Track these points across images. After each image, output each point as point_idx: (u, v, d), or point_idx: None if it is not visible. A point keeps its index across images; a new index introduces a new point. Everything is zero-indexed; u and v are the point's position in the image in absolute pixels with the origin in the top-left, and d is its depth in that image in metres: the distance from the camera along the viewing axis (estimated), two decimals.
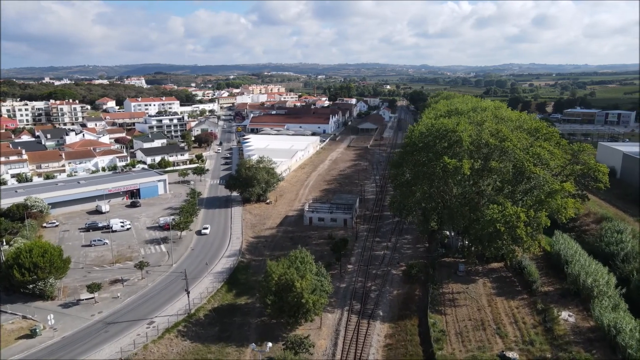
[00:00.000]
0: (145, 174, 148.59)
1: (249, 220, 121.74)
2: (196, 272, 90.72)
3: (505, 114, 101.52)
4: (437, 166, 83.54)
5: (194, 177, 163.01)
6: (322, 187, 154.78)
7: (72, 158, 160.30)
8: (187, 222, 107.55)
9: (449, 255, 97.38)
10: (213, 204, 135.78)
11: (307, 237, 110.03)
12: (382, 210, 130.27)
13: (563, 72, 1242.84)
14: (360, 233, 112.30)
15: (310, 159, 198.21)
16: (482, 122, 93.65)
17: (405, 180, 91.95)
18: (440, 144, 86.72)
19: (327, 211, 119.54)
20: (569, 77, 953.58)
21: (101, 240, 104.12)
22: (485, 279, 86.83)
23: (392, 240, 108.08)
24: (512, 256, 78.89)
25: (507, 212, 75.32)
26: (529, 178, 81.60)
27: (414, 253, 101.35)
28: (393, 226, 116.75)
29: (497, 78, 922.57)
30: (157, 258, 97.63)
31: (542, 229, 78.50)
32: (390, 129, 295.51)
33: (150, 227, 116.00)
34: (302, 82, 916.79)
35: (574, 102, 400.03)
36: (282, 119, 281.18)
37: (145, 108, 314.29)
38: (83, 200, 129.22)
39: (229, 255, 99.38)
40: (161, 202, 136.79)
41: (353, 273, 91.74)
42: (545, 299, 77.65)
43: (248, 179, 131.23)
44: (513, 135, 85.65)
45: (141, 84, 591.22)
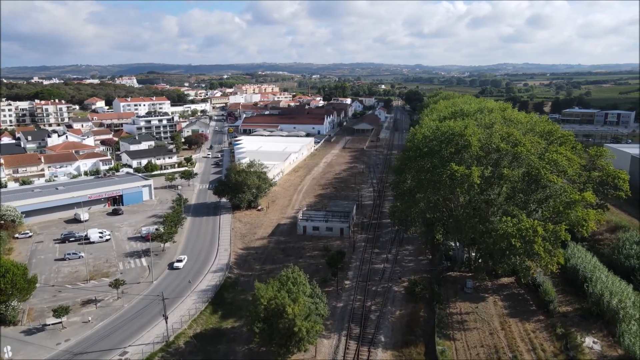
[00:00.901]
0: (129, 178, 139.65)
1: (238, 230, 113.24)
2: (179, 290, 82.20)
3: (514, 115, 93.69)
4: (444, 174, 75.58)
5: (182, 181, 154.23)
6: (316, 192, 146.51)
7: (52, 162, 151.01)
8: (171, 233, 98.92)
9: (455, 269, 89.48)
10: (201, 211, 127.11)
11: (300, 249, 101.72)
12: (380, 217, 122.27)
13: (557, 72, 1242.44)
14: (358, 243, 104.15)
15: (304, 162, 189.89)
16: (490, 124, 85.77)
17: (408, 189, 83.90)
18: (446, 149, 78.76)
19: (322, 219, 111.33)
20: (563, 76, 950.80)
21: (76, 254, 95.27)
22: (496, 296, 78.99)
23: (392, 252, 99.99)
24: (527, 274, 71.04)
25: (522, 225, 67.50)
26: (545, 187, 73.84)
27: (417, 266, 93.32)
28: (393, 235, 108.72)
29: (491, 78, 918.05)
30: (136, 274, 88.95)
31: (560, 244, 70.86)
32: (386, 130, 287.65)
33: (131, 237, 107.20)
34: (296, 82, 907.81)
35: (571, 102, 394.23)
36: (276, 120, 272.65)
37: (135, 108, 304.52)
38: (61, 207, 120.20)
39: (215, 270, 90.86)
40: (145, 209, 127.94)
41: (351, 290, 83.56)
42: (565, 321, 69.88)
43: (238, 184, 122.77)
44: (525, 139, 77.90)
45: (132, 83, 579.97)
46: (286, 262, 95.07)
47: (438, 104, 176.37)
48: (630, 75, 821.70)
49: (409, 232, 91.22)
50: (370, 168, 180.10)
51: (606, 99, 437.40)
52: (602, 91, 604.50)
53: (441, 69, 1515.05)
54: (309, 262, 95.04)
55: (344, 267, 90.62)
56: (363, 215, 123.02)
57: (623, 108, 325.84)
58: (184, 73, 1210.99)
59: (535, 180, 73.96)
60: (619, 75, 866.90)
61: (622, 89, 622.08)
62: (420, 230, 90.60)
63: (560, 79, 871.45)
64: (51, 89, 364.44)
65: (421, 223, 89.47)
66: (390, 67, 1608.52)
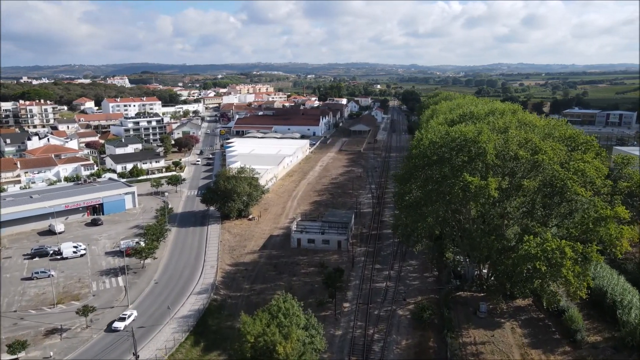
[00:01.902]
0: (111, 185, 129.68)
1: (227, 242, 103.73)
2: (157, 316, 72.72)
3: (529, 118, 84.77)
4: (456, 185, 66.53)
5: (169, 187, 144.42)
6: (312, 198, 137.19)
7: (29, 167, 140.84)
8: (151, 248, 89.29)
9: (465, 288, 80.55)
10: (188, 221, 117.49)
11: (294, 264, 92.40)
12: (380, 227, 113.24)
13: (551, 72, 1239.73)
14: (357, 258, 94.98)
15: (299, 165, 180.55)
16: (504, 129, 76.81)
17: (414, 201, 74.73)
18: (458, 157, 69.67)
19: (318, 231, 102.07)
20: (558, 76, 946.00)
21: (46, 272, 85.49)
22: (513, 322, 70.05)
23: (394, 268, 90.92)
24: (553, 300, 62.09)
25: (547, 245, 58.54)
26: (570, 200, 64.93)
27: (422, 285, 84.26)
28: (395, 248, 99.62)
29: (487, 77, 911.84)
30: (110, 296, 79.33)
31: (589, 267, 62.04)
32: (383, 131, 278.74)
33: (109, 252, 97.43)
34: (291, 82, 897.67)
35: (570, 102, 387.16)
36: (270, 121, 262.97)
37: (124, 109, 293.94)
38: (35, 218, 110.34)
39: (199, 290, 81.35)
40: (128, 219, 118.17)
41: (350, 314, 74.37)
42: (595, 354, 61.01)
43: (227, 192, 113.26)
44: (546, 145, 68.97)
45: (124, 83, 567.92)
46: (278, 280, 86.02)
47: (439, 105, 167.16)
48: (626, 75, 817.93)
49: (415, 250, 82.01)
50: (368, 172, 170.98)
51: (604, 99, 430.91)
52: (598, 91, 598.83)
53: (436, 69, 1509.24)
54: (304, 280, 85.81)
55: (342, 287, 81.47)
56: (362, 225, 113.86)
57: (623, 108, 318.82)
58: (179, 73, 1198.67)
59: (560, 193, 65.08)
60: (614, 75, 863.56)
61: (618, 88, 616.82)
62: (427, 245, 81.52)
63: (556, 79, 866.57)
64: (39, 89, 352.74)
65: (427, 238, 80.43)
66: (386, 67, 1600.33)
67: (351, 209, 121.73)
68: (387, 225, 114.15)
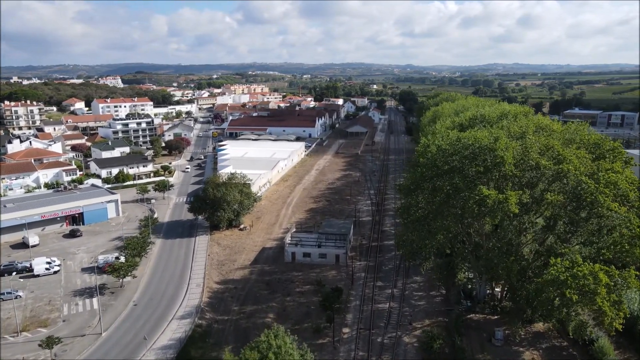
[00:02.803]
0: (92, 193, 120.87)
1: (215, 256, 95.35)
2: (132, 346, 64.28)
3: (545, 122, 76.94)
4: (470, 199, 58.55)
5: (156, 194, 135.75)
6: (307, 205, 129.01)
7: (7, 172, 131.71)
8: (131, 265, 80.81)
9: (477, 310, 72.64)
10: (174, 231, 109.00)
11: (288, 282, 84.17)
12: (381, 237, 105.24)
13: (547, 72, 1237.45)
14: (357, 273, 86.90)
15: (294, 169, 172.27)
16: (521, 134, 68.92)
17: (422, 215, 66.67)
18: (472, 166, 61.69)
19: (314, 244, 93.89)
20: (554, 76, 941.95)
21: (12, 293, 76.82)
22: (534, 351, 62.15)
23: (398, 285, 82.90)
24: (583, 332, 54.26)
25: (578, 270, 50.70)
26: (601, 217, 57.07)
27: (429, 305, 76.27)
28: (397, 262, 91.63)
29: (483, 78, 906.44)
30: (83, 321, 70.81)
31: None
32: (381, 132, 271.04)
33: (86, 268, 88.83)
34: (287, 82, 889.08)
35: (569, 102, 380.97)
36: (264, 122, 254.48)
37: (114, 110, 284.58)
38: (7, 229, 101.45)
39: (183, 314, 72.97)
40: (109, 230, 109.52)
41: (350, 342, 66.18)
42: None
43: (216, 200, 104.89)
44: (570, 153, 61.13)
45: (117, 83, 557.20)
46: (271, 300, 77.82)
47: (441, 106, 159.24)
48: (622, 75, 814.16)
49: (422, 269, 74.00)
50: (367, 176, 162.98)
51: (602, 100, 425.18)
52: (595, 91, 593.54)
53: (432, 69, 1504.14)
54: (299, 300, 77.61)
55: (341, 308, 73.52)
56: (361, 236, 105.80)
57: (623, 109, 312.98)
58: (174, 73, 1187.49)
59: (588, 208, 57.20)
60: (610, 75, 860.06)
61: (615, 89, 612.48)
62: (434, 263, 73.54)
63: (552, 79, 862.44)
64: (27, 89, 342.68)
65: (435, 255, 72.55)
66: (382, 67, 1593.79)
67: (349, 218, 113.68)
68: (388, 236, 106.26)
